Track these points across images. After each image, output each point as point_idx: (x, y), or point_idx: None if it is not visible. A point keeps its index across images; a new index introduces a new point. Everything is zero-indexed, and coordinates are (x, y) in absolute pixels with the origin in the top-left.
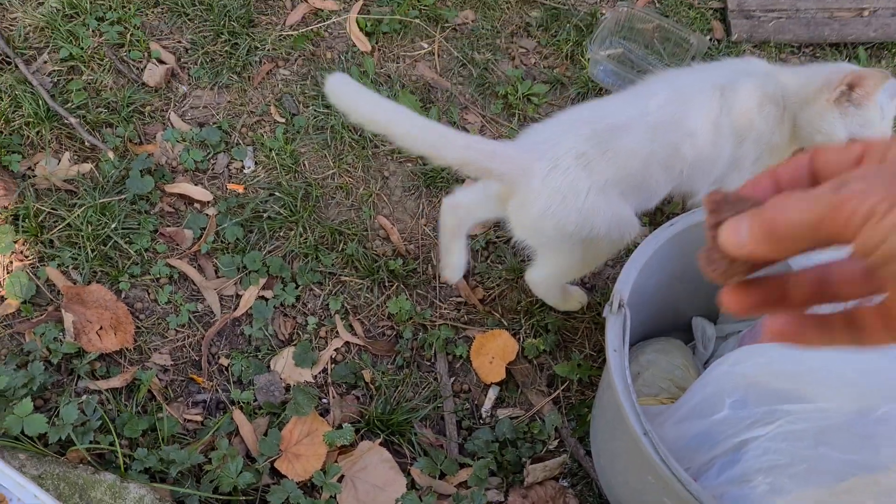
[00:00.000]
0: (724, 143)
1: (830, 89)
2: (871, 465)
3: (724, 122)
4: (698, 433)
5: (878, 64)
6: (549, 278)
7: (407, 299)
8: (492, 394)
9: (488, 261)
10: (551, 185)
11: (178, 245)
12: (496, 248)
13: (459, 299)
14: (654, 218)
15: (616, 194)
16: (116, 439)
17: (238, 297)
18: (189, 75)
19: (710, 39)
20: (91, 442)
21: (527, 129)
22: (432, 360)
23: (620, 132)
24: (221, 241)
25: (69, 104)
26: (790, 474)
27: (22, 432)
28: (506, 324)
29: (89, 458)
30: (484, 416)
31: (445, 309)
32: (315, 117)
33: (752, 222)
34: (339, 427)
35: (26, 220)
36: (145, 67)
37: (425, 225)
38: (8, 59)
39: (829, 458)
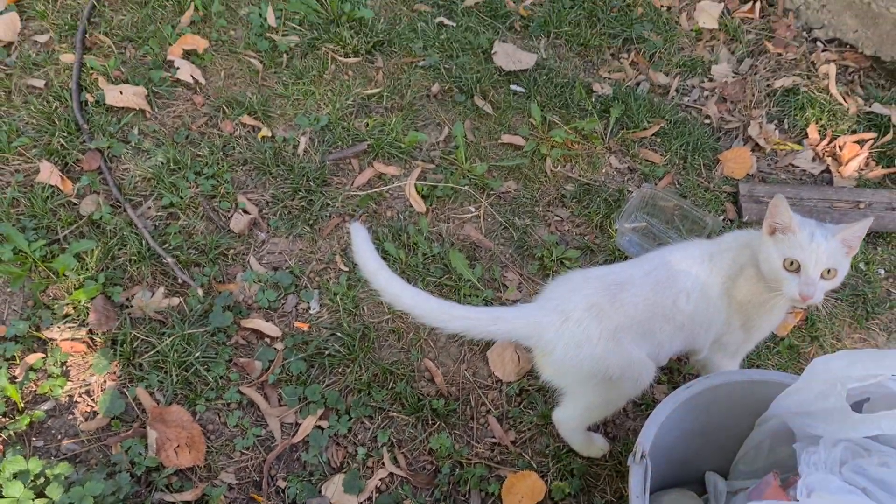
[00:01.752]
0: (718, 303)
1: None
2: None
3: (713, 282)
4: None
5: (874, 251)
6: (573, 419)
7: (447, 437)
8: None
9: (521, 406)
10: (565, 335)
11: (248, 374)
12: (528, 395)
13: (493, 440)
14: (672, 377)
15: (628, 340)
16: None
17: (297, 424)
18: (268, 224)
19: (724, 219)
20: None
21: (542, 290)
22: (467, 496)
23: (626, 285)
24: (286, 374)
25: (167, 245)
26: None
27: None
28: (535, 466)
29: None
30: None
31: (480, 448)
32: None
33: None
34: None
35: (123, 345)
36: (232, 216)
37: (466, 369)
38: (118, 204)
39: None
